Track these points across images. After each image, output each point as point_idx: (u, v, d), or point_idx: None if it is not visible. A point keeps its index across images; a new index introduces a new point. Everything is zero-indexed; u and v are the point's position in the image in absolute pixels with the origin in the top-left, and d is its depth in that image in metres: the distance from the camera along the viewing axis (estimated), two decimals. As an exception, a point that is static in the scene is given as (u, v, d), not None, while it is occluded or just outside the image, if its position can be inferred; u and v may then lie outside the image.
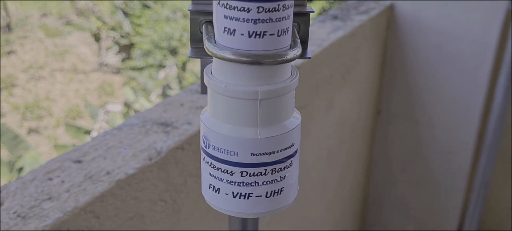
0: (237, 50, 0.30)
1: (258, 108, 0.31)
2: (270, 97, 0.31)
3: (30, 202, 0.57)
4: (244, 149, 0.31)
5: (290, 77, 0.32)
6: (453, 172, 1.48)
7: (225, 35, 0.30)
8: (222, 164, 0.32)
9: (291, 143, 0.33)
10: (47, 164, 0.65)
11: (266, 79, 0.31)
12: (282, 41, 0.30)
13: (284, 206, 0.34)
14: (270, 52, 0.30)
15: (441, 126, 1.47)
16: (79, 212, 0.58)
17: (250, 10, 0.29)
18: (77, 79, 10.28)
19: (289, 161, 0.33)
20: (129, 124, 0.75)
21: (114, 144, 0.70)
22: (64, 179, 0.62)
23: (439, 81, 1.43)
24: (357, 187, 1.58)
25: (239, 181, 0.32)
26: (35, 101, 9.32)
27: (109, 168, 0.64)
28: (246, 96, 0.30)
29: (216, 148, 0.32)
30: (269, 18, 0.29)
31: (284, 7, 0.29)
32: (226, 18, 0.29)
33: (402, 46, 1.46)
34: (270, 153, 0.32)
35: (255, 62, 0.29)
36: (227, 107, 0.31)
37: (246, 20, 0.29)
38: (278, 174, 0.33)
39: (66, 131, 6.65)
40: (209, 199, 0.34)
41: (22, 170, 4.99)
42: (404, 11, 1.44)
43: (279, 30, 0.30)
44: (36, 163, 4.76)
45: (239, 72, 0.30)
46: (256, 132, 0.31)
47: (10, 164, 5.35)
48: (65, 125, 6.85)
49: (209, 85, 0.32)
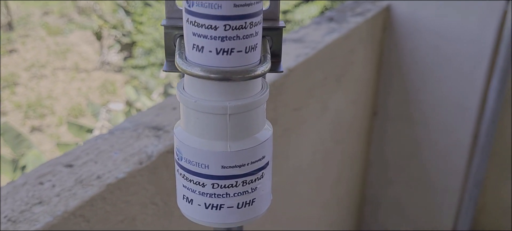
0: (205, 66, 0.30)
1: (227, 123, 0.31)
2: (239, 111, 0.31)
3: (21, 207, 0.58)
4: (214, 162, 0.32)
5: (260, 91, 0.33)
6: (448, 173, 1.49)
7: (194, 51, 0.31)
8: (194, 176, 0.33)
9: (262, 156, 0.33)
10: (38, 168, 0.66)
11: (235, 94, 0.31)
12: (250, 57, 0.31)
13: (256, 217, 0.35)
14: (238, 68, 0.30)
15: (437, 127, 1.47)
16: (69, 216, 0.58)
17: (217, 28, 0.29)
18: (79, 78, 10.30)
19: (260, 173, 0.34)
20: (121, 128, 0.76)
21: (105, 148, 0.71)
22: (55, 183, 0.63)
23: (435, 82, 1.43)
24: (353, 187, 1.59)
25: (210, 192, 0.33)
26: (38, 100, 9.35)
27: (100, 172, 0.65)
28: (215, 111, 0.31)
29: (188, 161, 0.33)
30: (236, 36, 0.30)
31: (251, 25, 0.30)
32: (194, 35, 0.30)
33: (399, 47, 1.46)
34: (240, 165, 0.32)
35: (223, 78, 0.30)
36: (198, 121, 0.32)
37: (214, 37, 0.30)
38: (249, 186, 0.33)
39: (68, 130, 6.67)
40: (183, 209, 0.35)
41: (25, 168, 5.01)
42: (400, 12, 1.44)
43: (247, 46, 0.30)
44: (39, 161, 4.78)
45: (208, 88, 0.31)
46: (226, 146, 0.32)
47: (14, 162, 5.37)
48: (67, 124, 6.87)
49: (180, 100, 0.32)
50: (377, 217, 1.69)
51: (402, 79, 1.48)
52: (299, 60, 1.04)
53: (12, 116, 8.89)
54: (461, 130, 1.42)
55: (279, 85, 0.98)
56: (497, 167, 1.53)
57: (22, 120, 8.83)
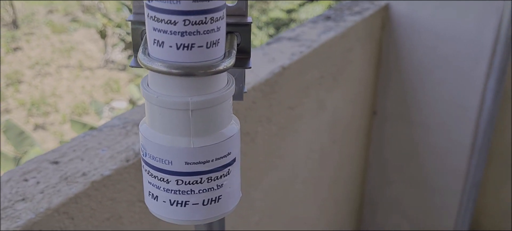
0: (166, 61, 0.30)
1: (190, 118, 0.31)
2: (202, 107, 0.31)
3: (4, 203, 0.58)
4: (178, 158, 0.31)
5: (225, 86, 0.32)
6: (448, 173, 1.48)
7: (155, 47, 0.30)
8: (159, 172, 0.32)
9: (227, 152, 0.33)
10: (24, 165, 0.65)
11: (198, 89, 0.31)
12: (212, 53, 0.30)
13: (223, 214, 0.34)
14: (200, 63, 0.30)
15: (437, 127, 1.46)
16: (52, 213, 0.58)
17: (177, 23, 0.29)
18: (83, 76, 10.33)
19: (226, 169, 0.33)
20: (110, 125, 0.75)
21: (93, 145, 0.70)
22: (39, 180, 0.62)
23: (434, 82, 1.42)
24: (352, 187, 1.58)
25: (175, 189, 0.32)
26: (41, 98, 9.38)
27: (86, 169, 0.65)
28: (178, 106, 0.31)
29: (152, 157, 0.32)
30: (197, 31, 0.29)
31: (212, 20, 0.30)
32: (155, 31, 0.30)
33: (397, 47, 1.45)
34: (204, 162, 0.32)
35: (184, 74, 0.30)
36: (161, 117, 0.31)
37: (173, 32, 0.29)
38: (215, 182, 0.33)
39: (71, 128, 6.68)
40: (150, 206, 0.34)
41: (26, 166, 5.02)
42: (399, 12, 1.43)
43: (208, 42, 0.30)
44: (41, 159, 4.79)
45: (170, 83, 0.31)
46: (189, 142, 0.31)
47: (16, 160, 5.38)
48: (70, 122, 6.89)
49: (144, 96, 0.32)
50: (376, 218, 1.67)
51: (401, 79, 1.46)
52: (294, 59, 1.03)
53: (16, 113, 8.92)
54: (461, 130, 1.40)
55: (273, 83, 0.98)
56: (496, 168, 1.52)
57: (26, 117, 8.86)
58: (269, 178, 1.08)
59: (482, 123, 1.31)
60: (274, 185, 1.11)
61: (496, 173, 1.53)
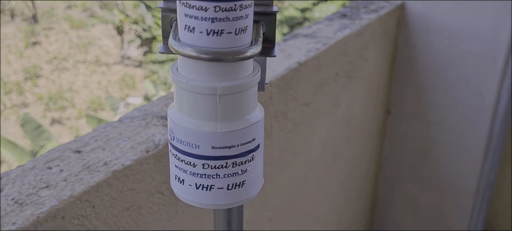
0: (196, 47, 0.31)
1: (217, 103, 0.32)
2: (229, 92, 0.32)
3: (28, 190, 0.60)
4: (205, 142, 0.33)
5: (251, 73, 0.34)
6: (463, 173, 1.48)
7: (186, 32, 0.31)
8: (186, 156, 0.34)
9: (252, 138, 0.34)
10: (47, 153, 0.67)
11: (226, 75, 0.32)
12: (240, 39, 0.32)
13: (246, 199, 0.35)
14: (229, 49, 0.31)
15: (451, 127, 1.46)
16: (74, 201, 0.60)
17: (208, 9, 0.30)
18: (99, 71, 10.42)
19: (251, 155, 0.34)
20: (130, 117, 0.77)
21: (114, 135, 0.72)
22: (62, 168, 0.64)
23: (449, 82, 1.42)
24: (365, 185, 1.59)
25: (201, 173, 0.33)
26: (59, 92, 9.49)
27: (107, 159, 0.67)
28: (206, 91, 0.32)
29: (180, 141, 0.34)
30: (226, 17, 0.30)
31: (241, 7, 0.31)
32: (186, 17, 0.31)
33: (413, 46, 1.45)
34: (230, 146, 0.33)
35: (212, 59, 0.31)
36: (189, 102, 0.33)
37: (204, 18, 0.30)
38: (239, 167, 0.34)
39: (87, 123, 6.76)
40: (176, 189, 0.36)
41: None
42: (415, 10, 1.43)
43: (237, 28, 0.31)
44: (57, 152, 4.85)
45: (199, 69, 0.32)
46: (216, 126, 0.33)
47: (32, 153, 5.46)
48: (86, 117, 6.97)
49: (173, 80, 0.33)
50: (389, 217, 1.68)
51: (416, 78, 1.47)
52: (310, 55, 1.05)
53: (34, 107, 9.04)
54: (475, 130, 1.40)
55: (289, 79, 0.99)
56: (511, 169, 1.51)
57: (43, 112, 8.97)
58: (283, 174, 1.09)
59: (497, 124, 1.31)
60: (287, 181, 1.12)
61: (511, 174, 1.52)
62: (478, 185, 1.43)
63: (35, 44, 11.26)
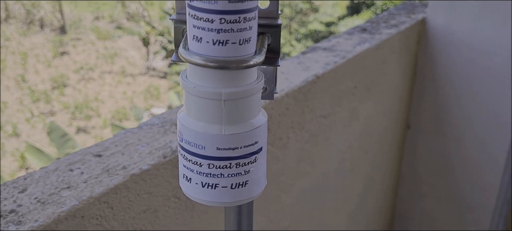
0: (203, 55, 0.33)
1: (222, 108, 0.34)
2: (233, 98, 0.34)
3: (51, 190, 0.63)
4: (210, 144, 0.35)
5: (255, 81, 0.36)
6: (482, 189, 1.47)
7: (194, 42, 0.34)
8: (193, 156, 0.36)
9: (255, 141, 0.36)
10: (70, 156, 0.70)
11: (230, 82, 0.34)
12: (244, 49, 0.34)
13: (249, 198, 0.37)
14: (233, 58, 0.33)
15: (471, 142, 1.45)
16: (93, 202, 0.62)
17: (214, 21, 0.33)
18: (125, 82, 10.59)
19: (254, 157, 0.36)
20: (150, 124, 0.80)
21: (133, 141, 0.75)
22: (83, 171, 0.67)
23: (470, 97, 1.42)
24: (383, 199, 1.59)
25: (206, 172, 0.36)
26: (85, 101, 9.67)
27: (126, 163, 0.69)
28: (212, 96, 0.34)
29: (187, 142, 0.36)
30: (231, 29, 0.33)
31: (245, 19, 0.33)
32: (194, 28, 0.33)
33: (433, 60, 1.45)
34: (234, 148, 0.35)
35: (217, 67, 0.33)
36: (196, 106, 0.35)
37: (211, 29, 0.33)
38: (243, 168, 0.36)
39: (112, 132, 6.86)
40: (183, 187, 0.38)
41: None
42: (436, 25, 1.44)
43: (241, 39, 0.33)
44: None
45: (206, 75, 0.34)
46: (221, 129, 0.35)
47: (58, 160, 5.55)
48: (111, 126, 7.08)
49: (182, 86, 0.36)
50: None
51: (436, 93, 1.47)
52: (328, 68, 1.06)
53: (60, 116, 9.21)
54: (495, 146, 1.40)
55: (306, 91, 1.00)
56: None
57: (69, 120, 9.14)
58: (300, 184, 1.10)
59: (516, 139, 1.30)
60: (304, 192, 1.13)
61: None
62: (496, 201, 1.41)
63: (63, 54, 11.51)
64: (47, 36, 12.21)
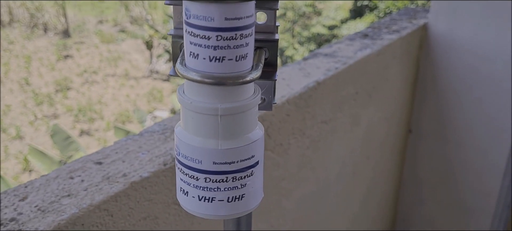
0: (200, 72, 0.34)
1: (219, 123, 0.35)
2: (229, 113, 0.35)
3: (51, 198, 0.63)
4: (207, 158, 0.35)
5: (252, 95, 0.36)
6: (483, 193, 1.47)
7: (191, 58, 0.34)
8: (190, 170, 0.36)
9: (251, 155, 0.36)
10: (71, 164, 0.70)
11: (227, 97, 0.34)
12: (241, 65, 0.34)
13: (245, 211, 0.37)
14: (229, 74, 0.34)
15: (473, 148, 1.45)
16: (94, 210, 0.63)
17: (210, 38, 0.33)
18: (128, 85, 10.61)
19: (250, 170, 0.37)
20: (150, 131, 0.80)
21: (133, 148, 0.75)
22: (84, 179, 0.67)
23: (471, 102, 1.41)
24: (385, 204, 1.58)
25: (203, 186, 0.36)
26: (88, 104, 9.69)
27: (126, 170, 0.69)
28: (208, 112, 0.34)
29: (184, 156, 0.36)
30: (227, 46, 0.33)
31: (242, 36, 0.33)
32: (191, 44, 0.34)
33: (435, 66, 1.45)
34: (230, 162, 0.35)
35: (214, 83, 0.33)
36: (193, 121, 0.35)
37: (207, 46, 0.33)
38: (239, 182, 0.36)
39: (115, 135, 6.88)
40: (181, 201, 0.38)
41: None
42: (438, 31, 1.44)
43: (237, 55, 0.33)
44: (85, 164, 4.94)
45: (203, 91, 0.34)
46: (217, 144, 0.35)
47: (61, 163, 5.58)
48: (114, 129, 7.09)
49: (179, 101, 0.36)
50: (409, 236, 1.67)
51: (438, 98, 1.47)
52: (329, 74, 1.06)
53: (63, 119, 9.24)
54: (496, 151, 1.39)
55: (307, 97, 1.01)
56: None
57: (72, 123, 9.16)
58: (301, 189, 1.11)
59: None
60: (305, 197, 1.13)
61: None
62: (497, 205, 1.41)
63: (67, 58, 11.54)
64: (51, 39, 12.25)
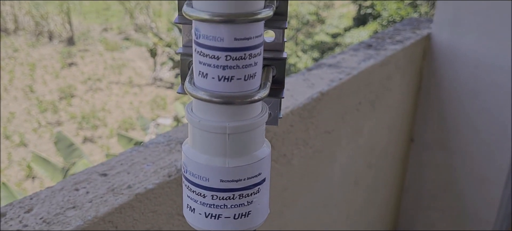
0: (209, 91, 0.34)
1: (226, 141, 0.35)
2: (237, 131, 0.35)
3: (56, 210, 0.63)
4: (214, 176, 0.36)
5: (259, 114, 0.36)
6: (485, 203, 1.47)
7: (200, 77, 0.34)
8: (196, 187, 0.36)
9: (258, 172, 0.37)
10: (76, 175, 0.71)
11: (235, 116, 0.35)
12: (249, 84, 0.34)
13: (251, 227, 0.38)
14: (238, 93, 0.34)
15: (473, 156, 1.45)
16: (98, 221, 0.63)
17: (220, 58, 0.33)
18: (132, 92, 10.63)
19: (256, 188, 0.37)
20: (155, 142, 0.81)
21: (138, 160, 0.76)
22: (89, 190, 0.68)
23: (473, 112, 1.42)
24: (386, 212, 1.58)
25: (210, 203, 0.36)
26: (92, 112, 9.71)
27: (131, 182, 0.70)
28: (216, 130, 0.35)
29: (192, 174, 0.36)
30: (236, 65, 0.33)
31: (251, 56, 0.34)
32: (200, 64, 0.34)
33: (438, 75, 1.46)
34: (237, 180, 0.36)
35: (223, 102, 0.34)
36: (201, 139, 0.36)
37: (216, 66, 0.34)
38: (246, 199, 0.37)
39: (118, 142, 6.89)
40: (187, 217, 0.38)
41: (75, 177, 5.20)
42: (441, 41, 1.44)
43: (246, 75, 0.34)
44: (88, 171, 4.95)
45: (211, 110, 0.35)
46: (225, 162, 0.35)
47: (64, 171, 5.59)
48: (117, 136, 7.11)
49: (188, 120, 0.36)
50: (413, 246, 1.67)
51: (440, 107, 1.47)
52: (333, 85, 1.07)
53: (67, 126, 9.26)
54: (499, 160, 1.39)
55: (311, 108, 1.01)
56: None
57: (76, 130, 9.18)
58: (303, 199, 1.11)
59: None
60: (308, 207, 1.14)
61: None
62: (497, 214, 1.41)
63: (71, 65, 11.58)
64: (55, 47, 12.31)
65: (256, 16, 0.33)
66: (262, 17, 0.33)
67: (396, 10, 8.30)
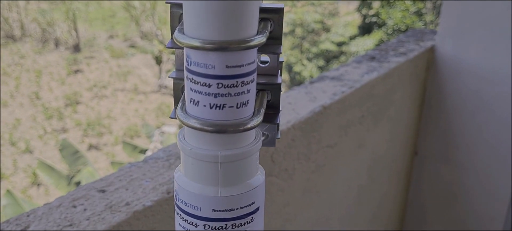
0: (200, 119, 0.33)
1: (219, 170, 0.34)
2: (230, 160, 0.34)
3: (53, 227, 0.63)
4: (206, 205, 0.35)
5: (253, 141, 0.35)
6: (489, 217, 1.45)
7: (191, 105, 0.34)
8: (188, 216, 0.36)
9: (252, 201, 0.36)
10: (74, 191, 0.70)
11: (227, 144, 0.34)
12: (242, 112, 0.33)
13: None
14: (230, 122, 0.33)
15: (479, 170, 1.44)
16: (95, 240, 0.62)
17: (211, 86, 0.32)
18: (137, 99, 10.65)
19: (250, 217, 0.36)
20: (155, 158, 0.80)
21: (137, 176, 0.75)
22: (86, 207, 0.67)
23: (478, 125, 1.40)
24: (390, 226, 1.57)
25: None
26: (97, 119, 9.73)
27: (129, 199, 0.69)
28: (208, 159, 0.34)
29: (183, 202, 0.36)
30: (228, 93, 0.32)
31: (243, 83, 0.33)
32: (191, 91, 0.33)
33: (442, 88, 1.45)
34: (230, 210, 0.35)
35: (215, 131, 0.33)
36: (193, 167, 0.35)
37: (208, 94, 0.33)
38: (239, 228, 0.36)
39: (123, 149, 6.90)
40: None
41: (79, 184, 5.21)
42: (445, 53, 1.43)
43: (238, 102, 0.33)
44: (93, 178, 4.97)
45: (203, 138, 0.34)
46: (217, 191, 0.34)
47: (68, 178, 5.60)
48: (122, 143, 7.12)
49: (180, 147, 0.35)
50: (417, 259, 1.65)
51: (444, 120, 1.46)
52: (335, 98, 1.06)
53: (72, 133, 9.28)
54: (503, 174, 1.38)
55: (313, 122, 1.00)
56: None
57: (81, 137, 9.20)
58: (305, 214, 1.10)
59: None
60: (310, 222, 1.12)
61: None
62: (504, 229, 1.39)
63: (77, 72, 11.63)
64: (61, 54, 12.36)
65: (248, 43, 0.32)
66: (255, 44, 0.32)
67: (401, 19, 8.29)
